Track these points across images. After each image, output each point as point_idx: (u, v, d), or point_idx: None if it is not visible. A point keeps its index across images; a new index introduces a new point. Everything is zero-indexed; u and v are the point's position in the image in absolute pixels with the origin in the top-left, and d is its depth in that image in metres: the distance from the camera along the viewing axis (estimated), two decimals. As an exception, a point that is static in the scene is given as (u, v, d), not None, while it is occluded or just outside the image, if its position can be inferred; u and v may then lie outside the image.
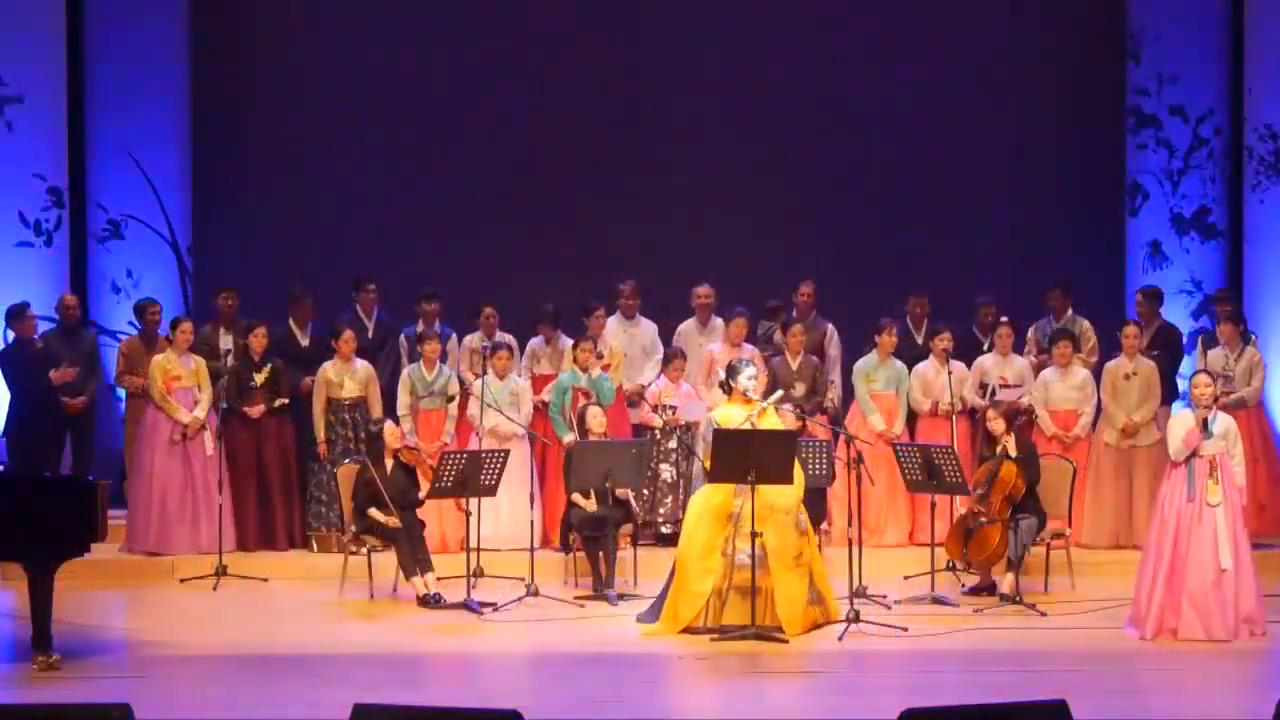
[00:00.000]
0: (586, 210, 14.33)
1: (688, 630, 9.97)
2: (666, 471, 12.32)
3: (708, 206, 14.30)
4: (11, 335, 13.00)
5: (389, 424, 11.45)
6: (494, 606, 10.68)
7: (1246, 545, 9.90)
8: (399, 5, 14.52)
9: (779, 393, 11.03)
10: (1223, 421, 9.91)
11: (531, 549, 11.25)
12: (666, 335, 13.16)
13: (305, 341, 13.01)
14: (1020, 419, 11.80)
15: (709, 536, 10.06)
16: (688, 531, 10.27)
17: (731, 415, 10.23)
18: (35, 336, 12.92)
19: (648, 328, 13.24)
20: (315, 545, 12.34)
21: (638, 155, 14.38)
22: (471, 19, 14.50)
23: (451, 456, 10.93)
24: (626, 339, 13.08)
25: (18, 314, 12.86)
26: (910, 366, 12.56)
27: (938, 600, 10.87)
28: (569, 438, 11.95)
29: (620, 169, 14.39)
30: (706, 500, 10.17)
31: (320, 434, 12.32)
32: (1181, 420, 9.93)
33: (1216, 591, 9.72)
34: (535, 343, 12.93)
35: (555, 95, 14.45)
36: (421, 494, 11.16)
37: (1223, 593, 9.73)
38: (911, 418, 12.59)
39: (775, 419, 10.35)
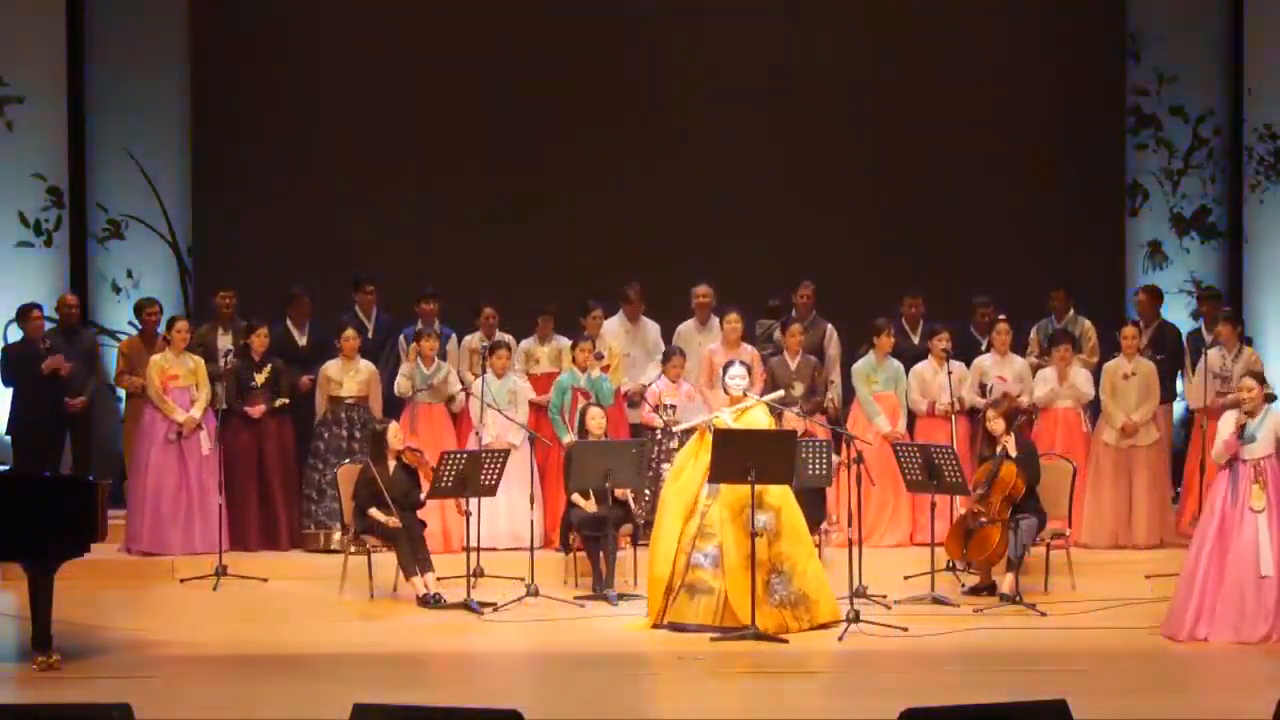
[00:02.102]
0: (587, 210, 14.32)
1: (655, 626, 10.03)
2: (667, 472, 12.30)
3: (708, 206, 14.29)
4: (19, 334, 13.00)
5: (393, 424, 11.45)
6: (494, 606, 10.68)
7: None
8: (399, 6, 14.51)
9: (779, 393, 11.03)
10: (1271, 424, 9.69)
11: (531, 549, 11.25)
12: (666, 336, 13.16)
13: (303, 341, 13.02)
14: (1020, 419, 11.80)
15: (669, 524, 10.12)
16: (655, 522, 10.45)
17: (722, 415, 10.29)
18: (43, 337, 12.92)
19: (652, 329, 13.24)
20: (304, 543, 12.32)
21: (639, 155, 14.36)
22: (472, 20, 14.48)
23: (451, 456, 10.93)
24: (631, 340, 13.09)
25: (26, 314, 12.86)
26: (907, 367, 12.56)
27: (938, 600, 10.87)
28: (568, 438, 11.96)
29: (621, 169, 14.37)
30: (665, 489, 10.33)
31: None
32: (1228, 422, 9.80)
33: (1255, 595, 9.61)
34: (527, 343, 12.91)
35: (556, 95, 14.44)
36: (423, 495, 11.16)
37: (1262, 597, 9.62)
38: (911, 418, 12.60)
39: (758, 416, 10.33)
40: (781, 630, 9.90)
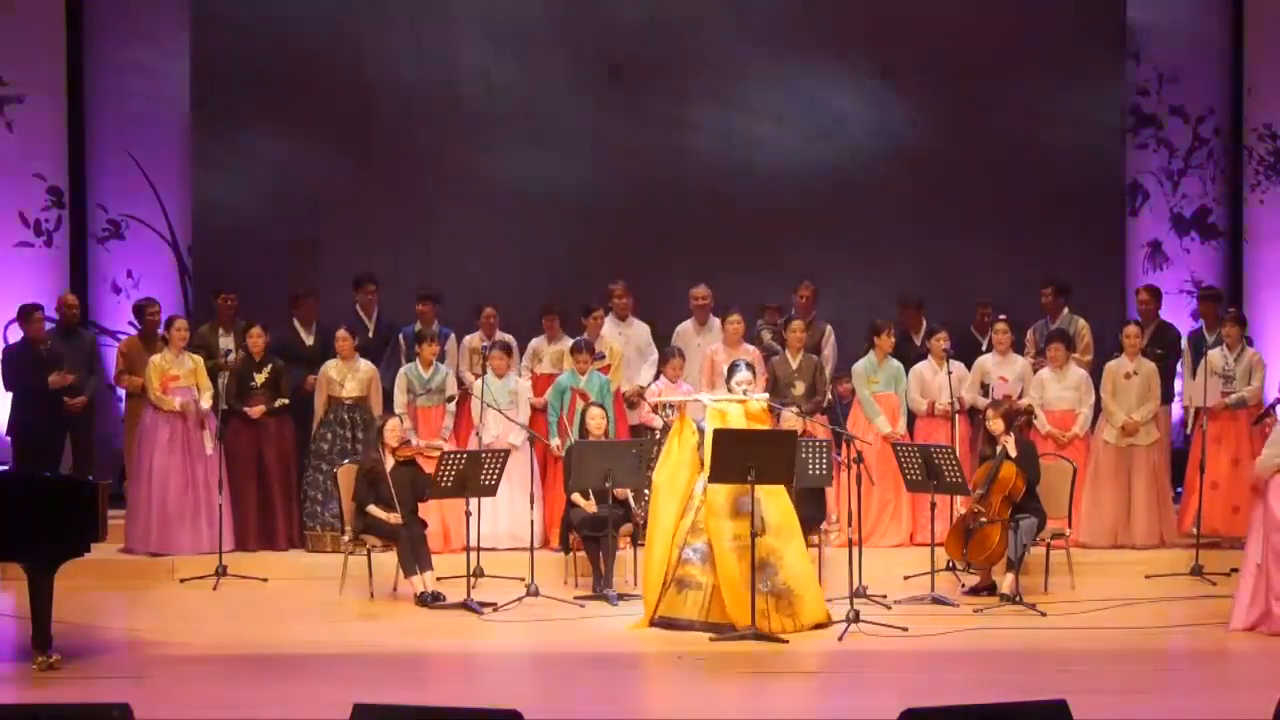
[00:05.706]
0: (587, 211, 14.32)
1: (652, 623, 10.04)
2: (666, 471, 12.30)
3: (707, 207, 14.29)
4: (20, 335, 12.99)
5: (390, 420, 11.45)
6: (494, 606, 10.68)
7: None
8: (400, 6, 14.51)
9: (765, 395, 11.02)
10: None
11: (531, 549, 11.26)
12: (666, 336, 13.15)
13: (310, 341, 13.01)
14: (1020, 419, 11.79)
15: (664, 517, 10.14)
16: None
17: (702, 397, 10.42)
18: (44, 338, 12.91)
19: (641, 329, 13.24)
20: (310, 544, 12.33)
21: (638, 156, 14.36)
22: (473, 20, 14.48)
23: (451, 456, 10.93)
24: (621, 340, 13.08)
25: (28, 315, 12.86)
26: (909, 368, 12.56)
27: (938, 600, 10.87)
28: (554, 442, 12.00)
29: (621, 170, 14.37)
30: (656, 475, 10.34)
31: (313, 429, 12.39)
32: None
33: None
34: (536, 341, 12.93)
35: (556, 96, 14.43)
36: (428, 490, 11.09)
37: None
38: (911, 418, 12.60)
39: (757, 412, 10.33)
40: (762, 620, 9.86)
